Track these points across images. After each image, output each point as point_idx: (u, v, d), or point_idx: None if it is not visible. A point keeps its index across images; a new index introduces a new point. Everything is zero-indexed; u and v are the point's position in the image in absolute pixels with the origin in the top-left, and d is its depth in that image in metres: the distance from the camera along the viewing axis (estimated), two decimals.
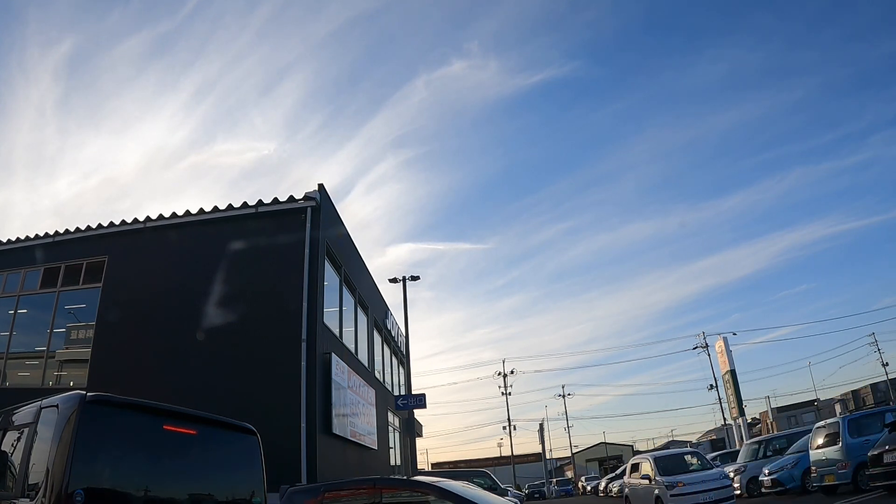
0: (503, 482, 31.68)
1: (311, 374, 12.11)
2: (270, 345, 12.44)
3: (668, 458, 15.18)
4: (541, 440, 62.03)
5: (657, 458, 14.62)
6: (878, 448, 10.62)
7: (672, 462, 14.49)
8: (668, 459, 14.81)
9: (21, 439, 4.37)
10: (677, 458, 15.20)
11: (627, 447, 76.42)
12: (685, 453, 16.43)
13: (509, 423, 61.69)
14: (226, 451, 5.36)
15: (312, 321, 12.48)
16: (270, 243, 13.38)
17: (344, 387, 14.29)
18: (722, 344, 37.96)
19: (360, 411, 16.10)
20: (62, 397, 4.27)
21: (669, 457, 15.40)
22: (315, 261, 13.00)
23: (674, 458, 15.23)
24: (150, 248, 14.19)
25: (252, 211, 13.59)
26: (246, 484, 5.37)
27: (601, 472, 62.11)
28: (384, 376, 23.02)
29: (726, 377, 38.26)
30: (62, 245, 15.03)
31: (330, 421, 12.82)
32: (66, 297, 14.80)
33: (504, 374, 61.55)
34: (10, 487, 4.22)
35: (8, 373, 14.91)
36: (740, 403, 36.19)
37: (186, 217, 14.02)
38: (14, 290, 15.35)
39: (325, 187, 14.00)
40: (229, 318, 12.60)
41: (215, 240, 13.75)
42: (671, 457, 15.45)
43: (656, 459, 14.48)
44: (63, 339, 14.83)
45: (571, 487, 51.77)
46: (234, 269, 13.16)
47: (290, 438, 11.23)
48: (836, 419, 13.38)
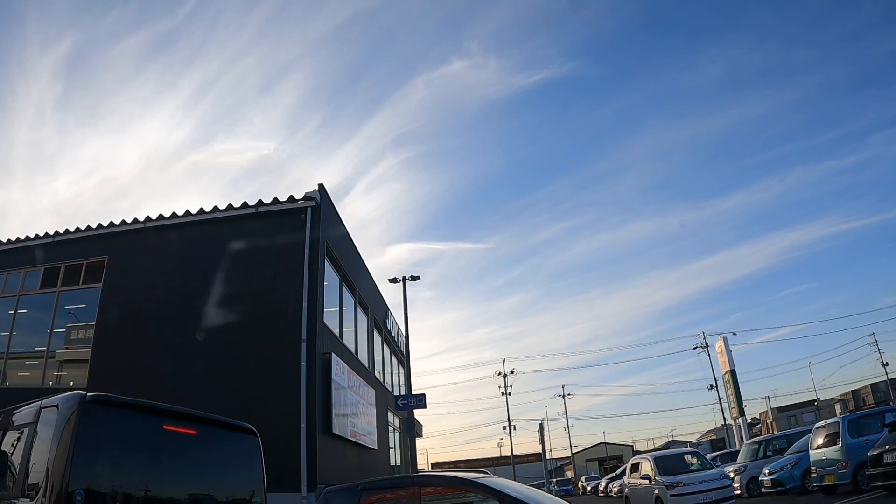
0: None
1: (311, 374, 12.10)
2: (270, 345, 12.44)
3: (668, 458, 15.19)
4: (541, 440, 61.99)
5: (657, 458, 14.62)
6: (878, 448, 10.61)
7: (672, 462, 14.52)
8: (668, 459, 14.83)
9: (21, 439, 4.37)
10: (677, 458, 15.24)
11: (627, 447, 76.45)
12: (685, 453, 16.45)
13: (509, 423, 61.73)
14: (226, 451, 5.37)
15: (312, 321, 12.47)
16: (270, 243, 13.37)
17: (344, 387, 14.28)
18: (722, 344, 37.97)
19: (360, 411, 16.10)
20: (62, 397, 4.27)
21: (669, 457, 15.41)
22: (315, 261, 13.00)
23: (674, 458, 15.26)
24: (150, 248, 14.18)
25: (252, 211, 13.59)
26: (246, 484, 5.38)
27: (601, 472, 62.17)
28: (384, 376, 23.02)
29: (726, 377, 38.26)
30: (62, 245, 15.03)
31: (330, 421, 12.82)
32: (66, 297, 14.80)
33: (504, 374, 61.59)
34: (10, 487, 4.22)
35: (8, 373, 14.91)
36: (740, 403, 36.20)
37: (186, 217, 14.02)
38: (14, 290, 15.35)
39: (325, 187, 14.00)
40: (229, 318, 12.60)
41: (215, 240, 13.75)
42: (671, 457, 15.46)
43: (656, 459, 14.48)
44: (63, 339, 14.82)
45: (571, 487, 51.79)
46: (234, 269, 13.16)
47: (290, 438, 11.22)
48: (836, 419, 13.38)
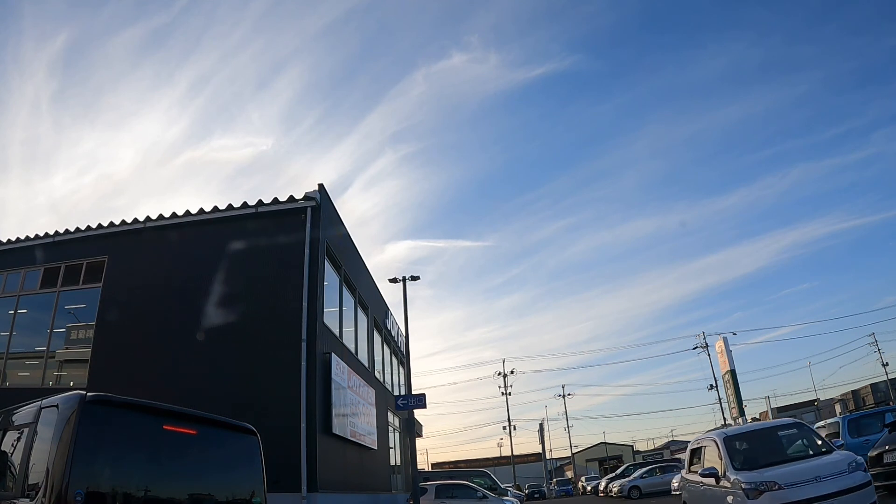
0: (503, 482, 31.76)
1: (311, 374, 12.11)
2: (270, 345, 12.45)
3: (750, 436, 8.79)
4: (541, 440, 62.12)
5: (730, 439, 8.44)
6: (877, 448, 10.62)
7: (756, 443, 8.48)
8: (750, 439, 8.67)
9: (21, 439, 4.37)
10: (765, 435, 8.73)
11: (627, 447, 76.52)
12: (780, 426, 9.09)
13: (509, 423, 61.76)
14: (226, 451, 5.37)
15: (312, 321, 12.48)
16: (270, 243, 13.38)
17: (344, 387, 14.29)
18: (722, 344, 38.04)
19: (360, 411, 16.11)
20: (62, 397, 4.27)
21: (751, 435, 8.85)
22: (315, 261, 13.00)
23: (759, 436, 8.76)
24: (150, 248, 14.20)
25: (252, 211, 13.61)
26: (246, 484, 5.38)
27: (601, 472, 62.19)
28: (384, 376, 23.04)
29: (726, 377, 38.32)
30: (62, 245, 15.04)
31: (330, 421, 12.83)
32: (66, 297, 14.81)
33: (504, 374, 61.65)
34: (10, 487, 4.22)
35: (8, 373, 14.91)
36: (740, 403, 36.26)
37: (186, 217, 14.04)
38: (14, 290, 15.36)
39: (325, 187, 14.01)
40: (229, 318, 12.61)
41: (215, 240, 13.76)
42: (754, 435, 8.88)
43: (729, 441, 8.34)
44: (63, 339, 14.83)
45: (571, 487, 51.84)
46: (234, 269, 13.17)
47: (290, 438, 11.23)
48: (837, 419, 13.42)
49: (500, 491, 23.50)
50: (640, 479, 29.95)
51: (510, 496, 23.31)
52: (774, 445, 8.44)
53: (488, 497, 19.25)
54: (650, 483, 29.17)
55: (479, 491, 19.51)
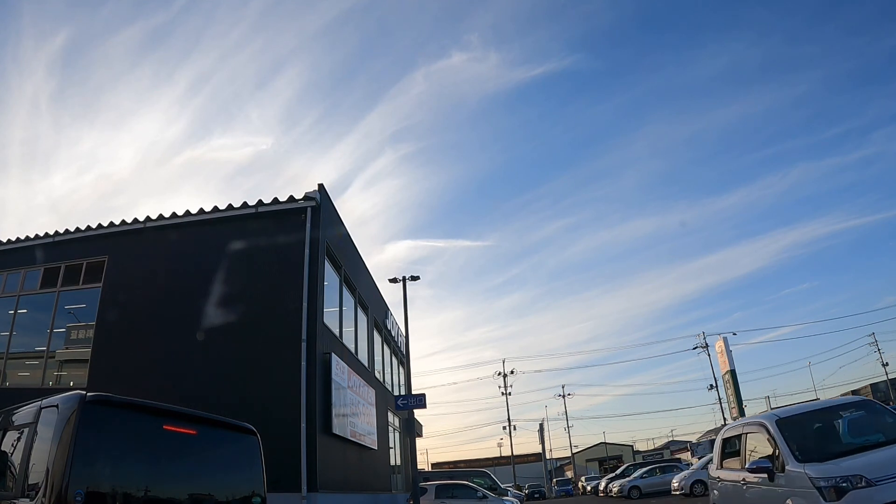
0: (503, 482, 31.78)
1: (311, 374, 12.11)
2: (270, 345, 12.44)
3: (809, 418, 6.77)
4: (541, 440, 62.13)
5: (786, 422, 6.44)
6: None
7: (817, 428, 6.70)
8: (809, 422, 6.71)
9: (21, 439, 4.38)
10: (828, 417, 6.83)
11: (627, 447, 76.57)
12: (843, 405, 7.05)
13: (509, 423, 61.78)
14: (226, 451, 5.37)
15: (312, 321, 12.48)
16: (270, 243, 13.38)
17: (344, 387, 14.29)
18: (722, 344, 38.05)
19: (360, 411, 16.11)
20: (62, 397, 4.27)
21: (810, 416, 6.83)
22: (315, 261, 13.00)
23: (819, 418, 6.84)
24: (150, 248, 14.19)
25: (252, 211, 13.60)
26: (246, 484, 5.38)
27: (601, 472, 62.19)
28: (384, 376, 23.03)
29: (726, 377, 38.32)
30: (62, 245, 15.04)
31: (330, 421, 12.82)
32: (66, 297, 14.81)
33: (504, 374, 61.67)
34: (10, 487, 4.22)
35: (8, 373, 14.91)
36: (740, 403, 36.27)
37: (186, 217, 14.03)
38: (14, 290, 15.35)
39: (325, 187, 14.01)
40: (229, 318, 12.61)
41: (215, 240, 13.76)
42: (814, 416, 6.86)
43: (785, 425, 6.38)
44: (63, 339, 14.83)
45: (571, 487, 51.85)
46: (235, 269, 13.16)
47: (290, 438, 11.22)
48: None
49: (500, 491, 23.52)
50: (640, 480, 29.98)
51: (510, 496, 23.33)
52: (840, 430, 6.67)
53: (488, 497, 19.26)
54: (650, 483, 29.20)
55: (479, 491, 19.52)
